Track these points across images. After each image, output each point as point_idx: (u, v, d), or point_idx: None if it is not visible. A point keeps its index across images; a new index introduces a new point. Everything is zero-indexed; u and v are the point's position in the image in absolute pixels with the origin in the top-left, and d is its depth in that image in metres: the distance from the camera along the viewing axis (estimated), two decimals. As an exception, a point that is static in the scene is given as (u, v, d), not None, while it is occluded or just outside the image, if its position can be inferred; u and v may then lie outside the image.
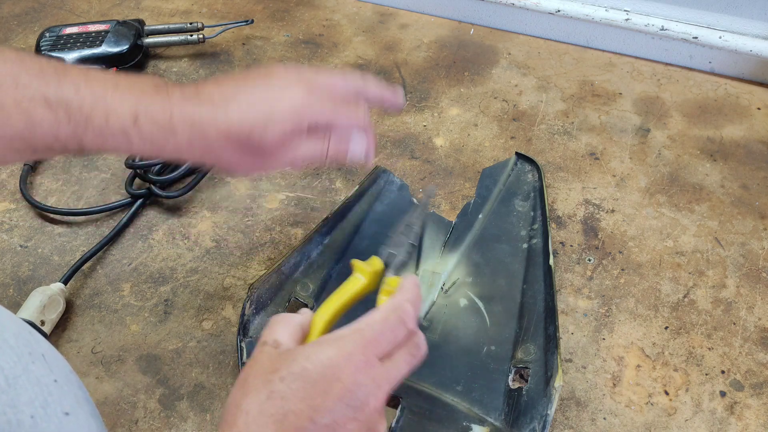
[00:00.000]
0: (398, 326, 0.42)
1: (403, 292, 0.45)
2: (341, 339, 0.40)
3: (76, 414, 0.37)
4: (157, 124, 0.46)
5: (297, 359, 0.39)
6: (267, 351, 0.41)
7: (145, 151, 0.47)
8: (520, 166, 0.76)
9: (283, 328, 0.42)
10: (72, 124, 0.44)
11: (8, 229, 0.72)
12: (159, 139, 0.46)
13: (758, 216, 0.72)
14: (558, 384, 0.54)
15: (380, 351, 0.41)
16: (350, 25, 1.00)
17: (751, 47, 0.86)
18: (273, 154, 0.49)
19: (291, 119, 0.49)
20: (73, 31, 0.90)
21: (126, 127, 0.45)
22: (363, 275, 0.49)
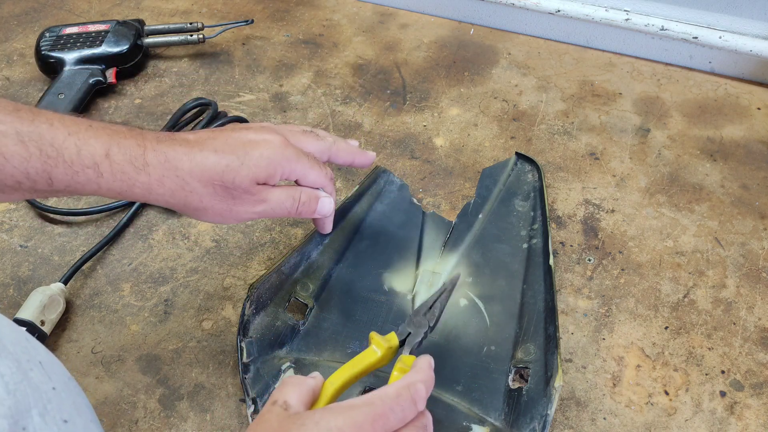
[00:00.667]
0: (409, 405, 0.42)
1: (418, 371, 0.45)
2: (352, 409, 0.40)
3: (74, 422, 0.37)
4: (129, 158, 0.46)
5: (306, 423, 0.39)
6: (276, 412, 0.41)
7: (114, 188, 0.47)
8: (520, 166, 0.76)
9: (293, 390, 0.42)
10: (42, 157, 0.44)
11: (8, 229, 0.72)
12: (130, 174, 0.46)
13: (758, 216, 0.72)
14: (558, 384, 0.54)
15: (388, 427, 0.41)
16: (350, 25, 1.00)
17: (751, 47, 0.86)
18: (243, 199, 0.50)
19: (265, 165, 0.49)
20: (73, 31, 0.90)
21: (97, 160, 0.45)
22: (379, 348, 0.49)
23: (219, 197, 0.49)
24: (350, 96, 0.88)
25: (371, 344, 0.50)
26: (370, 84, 0.90)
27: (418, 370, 0.45)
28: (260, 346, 0.59)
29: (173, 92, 0.89)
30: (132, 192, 0.47)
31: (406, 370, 0.47)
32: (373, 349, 0.49)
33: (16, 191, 0.45)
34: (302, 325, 0.62)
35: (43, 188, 0.45)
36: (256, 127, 0.53)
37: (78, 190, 0.46)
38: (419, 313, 0.54)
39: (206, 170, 0.48)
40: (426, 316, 0.53)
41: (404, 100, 0.87)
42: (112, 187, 0.47)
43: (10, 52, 0.96)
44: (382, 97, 0.88)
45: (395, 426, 0.41)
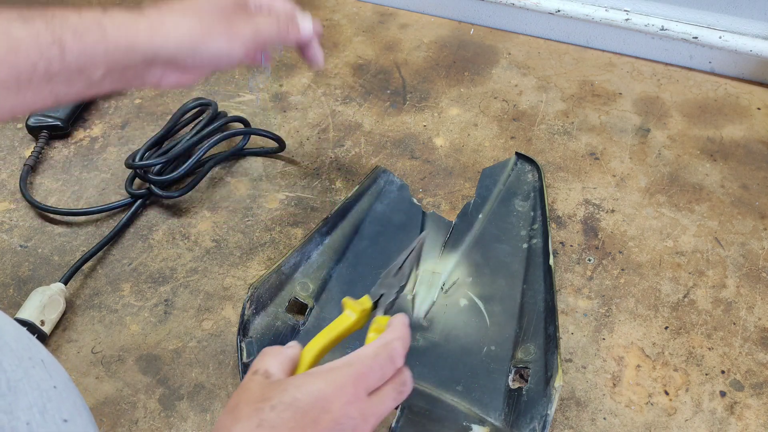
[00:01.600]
0: (387, 363, 0.43)
1: (394, 330, 0.46)
2: (332, 371, 0.41)
3: (74, 421, 0.37)
4: (124, 10, 0.49)
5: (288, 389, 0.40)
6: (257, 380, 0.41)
7: (121, 40, 0.48)
8: (520, 166, 0.76)
9: (273, 359, 0.43)
10: (50, 29, 0.45)
11: (8, 229, 0.72)
12: (131, 21, 0.48)
13: (758, 216, 0.72)
14: (558, 384, 0.54)
15: (369, 385, 0.42)
16: (350, 25, 1.00)
17: (751, 47, 0.86)
18: (237, 16, 0.52)
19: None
20: (73, 31, 0.89)
21: (98, 17, 0.47)
22: (353, 312, 0.50)
23: (216, 18, 0.51)
24: (350, 96, 0.88)
25: (345, 309, 0.50)
26: (370, 84, 0.90)
27: (394, 329, 0.46)
28: (260, 346, 0.59)
29: (173, 92, 0.89)
30: (138, 41, 0.48)
31: (381, 329, 0.48)
32: (347, 314, 0.50)
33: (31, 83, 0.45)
34: (302, 325, 0.62)
35: (56, 67, 0.46)
36: None
37: (89, 58, 0.47)
38: (389, 274, 0.54)
39: (194, 2, 0.51)
40: (396, 277, 0.53)
41: (404, 100, 0.87)
42: (118, 41, 0.47)
43: (10, 52, 0.96)
44: (382, 97, 0.88)
45: (376, 384, 0.42)
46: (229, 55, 0.52)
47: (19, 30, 0.44)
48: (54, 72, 0.46)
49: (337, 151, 0.80)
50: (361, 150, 0.80)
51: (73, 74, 0.47)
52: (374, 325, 0.49)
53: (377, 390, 0.42)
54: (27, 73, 0.45)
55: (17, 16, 0.45)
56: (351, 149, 0.80)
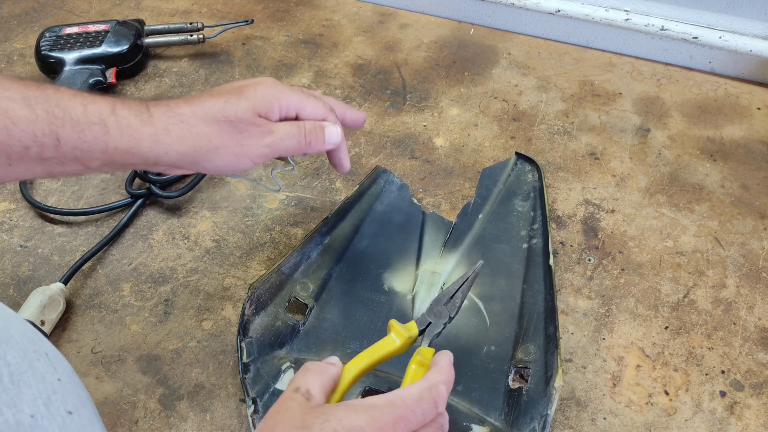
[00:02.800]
0: (431, 408, 0.42)
1: (440, 371, 0.45)
2: (374, 409, 0.40)
3: (79, 413, 0.37)
4: (134, 113, 0.47)
5: (329, 419, 0.39)
6: (299, 401, 0.41)
7: (122, 145, 0.47)
8: (520, 166, 0.76)
9: (316, 378, 0.42)
10: (49, 118, 0.44)
11: (8, 229, 0.72)
12: (136, 126, 0.47)
13: (758, 216, 0.72)
14: (558, 384, 0.54)
15: (408, 429, 0.41)
16: (350, 25, 1.00)
17: (751, 47, 0.86)
18: (250, 131, 0.50)
19: (262, 98, 0.50)
20: (73, 31, 0.90)
21: (104, 116, 0.46)
22: (399, 338, 0.49)
23: (226, 133, 0.49)
24: (350, 96, 0.88)
25: (390, 332, 0.49)
26: (370, 84, 0.90)
27: (440, 370, 0.45)
28: (260, 346, 0.59)
29: (173, 92, 0.89)
30: (140, 147, 0.47)
31: (424, 363, 0.47)
32: (392, 338, 0.49)
33: (23, 161, 0.45)
34: (302, 325, 0.62)
35: (50, 153, 0.45)
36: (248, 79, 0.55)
37: (85, 152, 0.46)
38: (440, 302, 0.53)
39: (207, 110, 0.49)
40: (447, 306, 0.52)
41: (404, 100, 0.87)
42: (119, 144, 0.46)
43: (10, 52, 0.96)
44: (382, 97, 0.88)
45: (415, 427, 0.41)
46: (236, 169, 0.51)
47: (19, 111, 0.44)
48: (47, 157, 0.45)
49: (337, 151, 0.80)
50: (361, 150, 0.80)
51: (68, 161, 0.46)
52: (417, 357, 0.48)
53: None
54: (18, 154, 0.44)
55: (21, 96, 0.44)
56: (351, 149, 0.80)
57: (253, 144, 0.50)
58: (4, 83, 0.44)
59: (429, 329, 0.51)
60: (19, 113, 0.44)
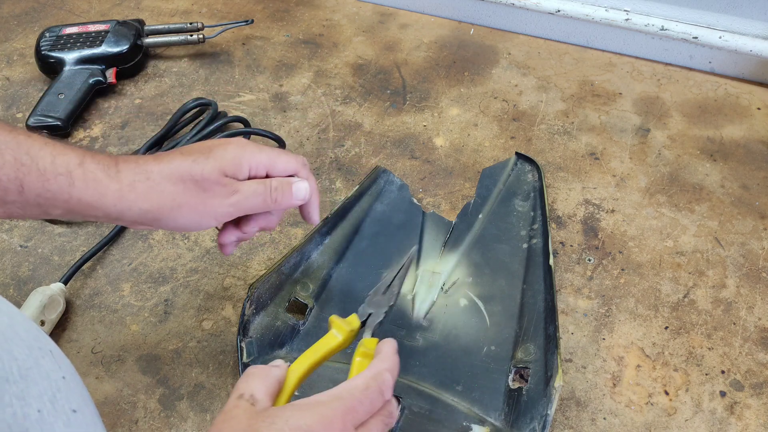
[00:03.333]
0: (377, 396, 0.42)
1: (384, 359, 0.45)
2: (321, 405, 0.40)
3: (83, 412, 0.37)
4: (101, 167, 0.47)
5: (275, 422, 0.39)
6: (243, 407, 0.40)
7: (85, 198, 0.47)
8: (520, 166, 0.76)
9: (259, 382, 0.42)
10: (16, 165, 0.44)
11: (8, 229, 0.72)
12: (102, 181, 0.47)
13: (758, 216, 0.72)
14: (558, 384, 0.54)
15: (357, 420, 0.41)
16: (350, 25, 1.00)
17: (751, 47, 0.86)
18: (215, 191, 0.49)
19: (231, 158, 0.50)
20: (73, 31, 0.90)
21: (71, 168, 0.46)
22: (340, 332, 0.49)
23: (190, 192, 0.49)
24: (350, 96, 0.88)
25: (332, 328, 0.49)
26: (370, 84, 0.90)
27: (384, 358, 0.45)
28: (260, 346, 0.59)
29: (173, 92, 0.89)
30: (103, 202, 0.47)
31: (368, 353, 0.47)
32: (333, 334, 0.49)
33: None
34: (302, 325, 0.62)
35: (12, 198, 0.45)
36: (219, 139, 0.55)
37: (48, 200, 0.46)
38: (378, 292, 0.53)
39: (174, 169, 0.49)
40: (385, 295, 0.53)
41: (404, 100, 0.87)
42: (83, 196, 0.46)
43: (10, 52, 0.96)
44: (382, 97, 0.88)
45: (364, 417, 0.42)
46: (199, 226, 0.51)
47: None
48: (8, 200, 0.45)
49: (337, 151, 0.80)
50: (361, 150, 0.80)
51: (30, 206, 0.46)
52: (361, 348, 0.48)
53: (365, 423, 0.42)
54: None
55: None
56: (351, 149, 0.80)
57: (217, 203, 0.50)
58: None
59: (370, 320, 0.51)
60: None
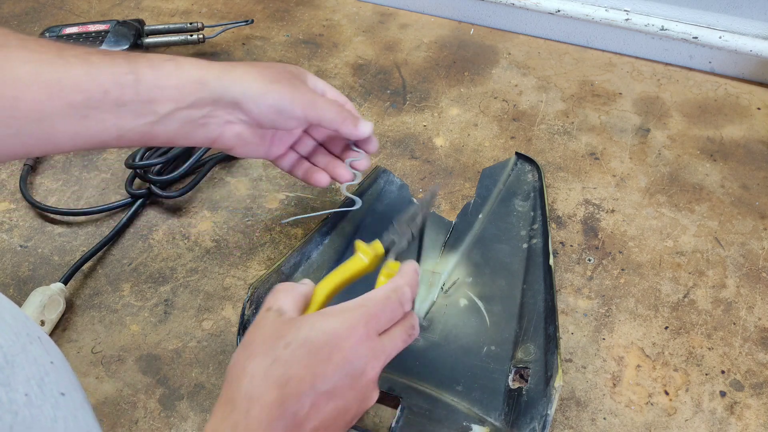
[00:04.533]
0: (397, 306, 0.45)
1: (403, 275, 0.48)
2: (345, 311, 0.43)
3: (71, 395, 0.38)
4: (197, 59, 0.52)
5: (302, 328, 0.42)
6: (271, 317, 0.43)
7: (193, 74, 0.50)
8: (520, 166, 0.76)
9: (286, 296, 0.45)
10: (127, 60, 0.48)
11: (8, 229, 0.72)
12: (202, 63, 0.51)
13: (758, 216, 0.72)
14: (558, 384, 0.54)
15: (380, 326, 0.44)
16: (350, 25, 1.00)
17: (751, 47, 0.86)
18: (304, 85, 0.55)
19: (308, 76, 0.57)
20: (73, 31, 0.90)
21: (173, 57, 0.50)
22: (365, 256, 0.51)
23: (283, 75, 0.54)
24: (350, 96, 0.88)
25: (357, 252, 0.51)
26: (370, 84, 0.90)
27: (403, 275, 0.48)
28: (260, 346, 0.59)
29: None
30: (208, 78, 0.50)
31: (391, 274, 0.49)
32: (359, 257, 0.51)
33: (99, 109, 0.46)
34: (302, 325, 0.62)
35: (129, 97, 0.47)
36: None
37: (161, 90, 0.49)
38: (402, 221, 0.54)
39: (266, 64, 0.55)
40: (410, 225, 0.54)
41: (404, 100, 0.87)
42: (190, 74, 0.50)
43: (10, 52, 0.96)
44: (382, 97, 0.88)
45: (386, 325, 0.45)
46: (291, 109, 0.53)
47: (98, 57, 0.46)
48: (124, 101, 0.47)
49: (337, 151, 0.80)
50: (361, 150, 0.80)
51: (142, 105, 0.48)
52: (385, 270, 0.50)
53: (387, 331, 0.45)
54: (97, 99, 0.46)
55: (100, 50, 0.48)
56: (351, 149, 0.80)
57: (304, 90, 0.54)
58: (82, 46, 0.48)
59: (394, 247, 0.52)
60: (100, 59, 0.47)
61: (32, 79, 0.44)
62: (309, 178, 0.60)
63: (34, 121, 0.45)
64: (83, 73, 0.46)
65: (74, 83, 0.45)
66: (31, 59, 0.44)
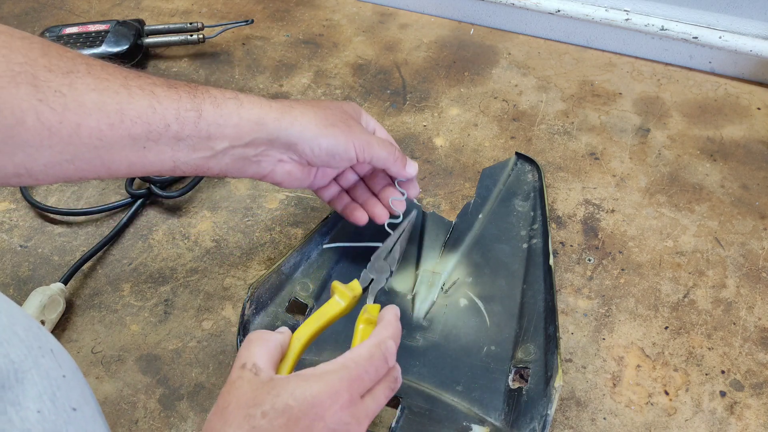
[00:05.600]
0: (382, 364, 0.43)
1: (386, 326, 0.46)
2: (327, 375, 0.41)
3: (83, 410, 0.37)
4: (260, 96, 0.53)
5: (280, 394, 0.39)
6: (247, 377, 0.41)
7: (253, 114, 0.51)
8: (520, 166, 0.76)
9: (261, 349, 0.42)
10: (191, 96, 0.48)
11: (8, 229, 0.72)
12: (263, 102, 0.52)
13: (758, 216, 0.72)
14: (558, 384, 0.54)
15: (363, 388, 0.42)
16: (350, 25, 1.00)
17: (751, 47, 0.86)
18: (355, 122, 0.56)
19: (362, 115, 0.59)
20: (73, 31, 0.90)
21: (237, 94, 0.52)
22: (343, 299, 0.50)
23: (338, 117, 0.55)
24: (350, 96, 0.88)
25: (334, 294, 0.50)
26: (370, 84, 0.90)
27: (386, 325, 0.46)
28: (260, 346, 0.59)
29: (173, 92, 0.89)
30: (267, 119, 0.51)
31: (371, 320, 0.48)
32: (336, 300, 0.49)
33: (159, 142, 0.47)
34: (302, 325, 0.62)
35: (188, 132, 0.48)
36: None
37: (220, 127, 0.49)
38: (379, 257, 0.54)
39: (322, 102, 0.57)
40: (386, 260, 0.54)
41: (404, 100, 0.87)
42: (250, 115, 0.50)
43: (10, 52, 0.96)
44: (382, 97, 0.88)
45: (369, 385, 0.42)
46: (345, 152, 0.54)
47: (164, 91, 0.47)
48: (183, 136, 0.48)
49: (337, 151, 0.80)
50: (361, 150, 0.80)
51: (201, 141, 0.49)
52: (364, 315, 0.48)
53: (371, 390, 0.43)
54: (157, 132, 0.47)
55: (164, 82, 0.48)
56: (351, 149, 0.80)
57: (358, 131, 0.55)
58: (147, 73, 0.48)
59: (372, 286, 0.52)
60: (164, 93, 0.47)
61: (96, 107, 0.44)
62: (349, 214, 0.62)
63: (93, 148, 0.45)
64: (147, 105, 0.46)
65: (137, 115, 0.45)
66: (97, 87, 0.44)
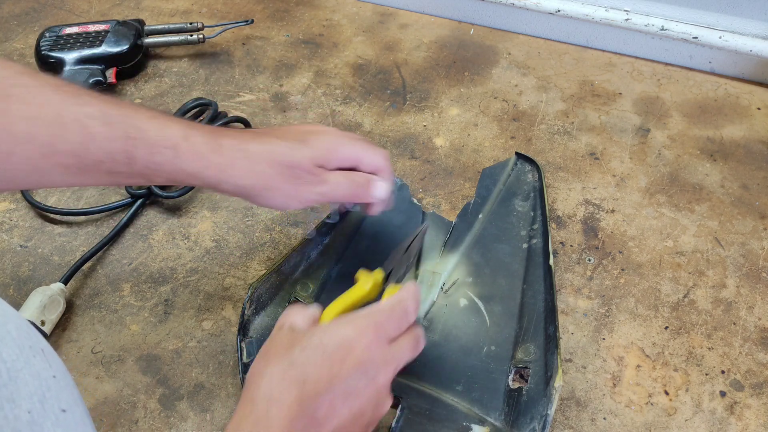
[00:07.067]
0: (403, 315, 0.47)
1: (406, 290, 0.50)
2: (355, 319, 0.46)
3: (72, 412, 0.37)
4: (204, 141, 0.50)
5: (315, 334, 0.44)
6: (285, 332, 0.45)
7: (189, 169, 0.50)
8: (520, 166, 0.76)
9: (298, 314, 0.47)
10: (125, 138, 0.47)
11: (8, 229, 0.72)
12: (205, 154, 0.50)
13: (758, 216, 0.72)
14: (558, 384, 0.54)
15: (388, 334, 0.46)
16: (350, 25, 1.00)
17: (751, 47, 0.86)
18: (306, 179, 0.53)
19: (324, 148, 0.54)
20: (73, 31, 0.90)
21: (177, 141, 0.49)
22: (367, 283, 0.53)
23: (283, 177, 0.52)
24: (350, 96, 0.88)
25: (360, 280, 0.53)
26: (370, 84, 0.90)
27: (406, 290, 0.50)
28: (260, 346, 0.59)
29: (173, 92, 0.89)
30: (205, 174, 0.50)
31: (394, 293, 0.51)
32: (361, 284, 0.53)
33: (92, 172, 0.47)
34: (302, 325, 0.62)
35: (121, 169, 0.48)
36: (312, 124, 0.60)
37: (154, 171, 0.49)
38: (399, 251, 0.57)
39: (273, 153, 0.52)
40: (405, 255, 0.57)
41: (404, 100, 0.87)
42: (187, 167, 0.49)
43: (10, 52, 0.96)
44: (382, 97, 0.88)
45: (394, 333, 0.47)
46: (285, 207, 0.55)
47: (98, 128, 0.46)
48: (116, 171, 0.48)
49: (337, 151, 0.80)
50: (361, 150, 0.80)
51: (135, 176, 0.49)
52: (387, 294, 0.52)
53: (395, 340, 0.47)
54: (90, 166, 0.47)
55: (101, 114, 0.46)
56: (351, 149, 0.80)
57: (305, 190, 0.54)
58: (86, 98, 0.47)
59: (393, 273, 0.54)
60: (98, 130, 0.46)
61: (27, 138, 0.44)
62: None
63: (27, 173, 0.46)
64: (78, 142, 0.45)
65: (68, 150, 0.45)
66: (30, 116, 0.44)
